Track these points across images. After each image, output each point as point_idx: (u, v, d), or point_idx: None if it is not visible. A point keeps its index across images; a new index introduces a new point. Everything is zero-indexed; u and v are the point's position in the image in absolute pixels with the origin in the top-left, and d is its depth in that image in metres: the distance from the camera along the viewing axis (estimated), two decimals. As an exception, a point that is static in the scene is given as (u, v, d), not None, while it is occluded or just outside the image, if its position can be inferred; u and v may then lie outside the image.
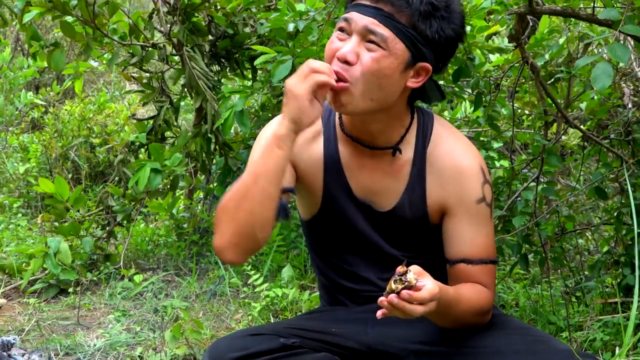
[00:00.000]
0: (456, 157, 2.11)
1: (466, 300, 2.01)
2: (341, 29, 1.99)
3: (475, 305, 2.04)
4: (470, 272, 2.08)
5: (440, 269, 2.13)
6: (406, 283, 1.76)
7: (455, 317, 2.01)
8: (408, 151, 2.12)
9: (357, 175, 2.14)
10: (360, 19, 1.94)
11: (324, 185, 2.16)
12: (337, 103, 1.98)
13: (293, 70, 3.32)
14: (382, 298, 1.78)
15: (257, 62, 3.34)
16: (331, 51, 1.98)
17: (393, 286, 1.77)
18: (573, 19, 3.25)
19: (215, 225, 2.04)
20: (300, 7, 3.11)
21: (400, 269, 1.78)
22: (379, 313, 1.80)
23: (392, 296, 1.76)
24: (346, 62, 1.93)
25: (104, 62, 4.46)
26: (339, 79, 1.94)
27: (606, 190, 3.20)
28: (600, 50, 3.71)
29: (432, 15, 1.95)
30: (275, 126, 1.97)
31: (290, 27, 3.11)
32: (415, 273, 1.79)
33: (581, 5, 3.04)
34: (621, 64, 3.26)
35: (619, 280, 3.18)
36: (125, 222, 4.38)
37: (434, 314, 1.91)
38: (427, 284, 1.79)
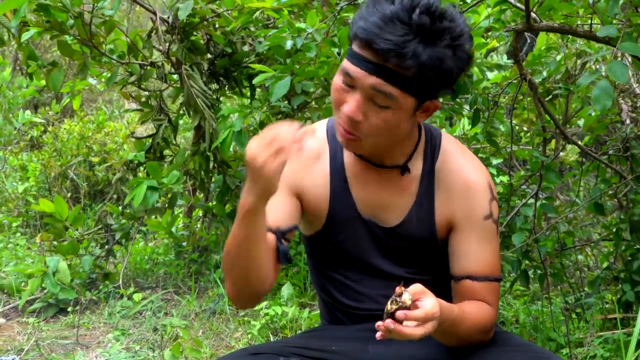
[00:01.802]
0: (465, 173, 2.11)
1: (471, 319, 1.99)
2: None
3: (480, 323, 2.02)
4: (475, 288, 2.07)
5: (445, 286, 2.11)
6: (400, 304, 1.74)
7: (460, 336, 1.99)
8: (416, 167, 2.12)
9: (363, 191, 2.13)
10: (365, 79, 1.88)
11: (329, 203, 2.15)
12: (348, 148, 2.01)
13: (291, 88, 3.32)
14: (379, 323, 1.76)
15: (255, 80, 3.34)
16: (338, 101, 1.94)
17: (389, 307, 1.75)
18: (570, 36, 3.27)
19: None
20: (300, 25, 3.12)
21: (398, 289, 1.76)
22: (377, 335, 1.77)
23: (388, 321, 1.74)
24: (353, 120, 1.92)
25: (103, 80, 4.47)
26: (348, 132, 1.93)
27: (604, 206, 3.20)
28: (598, 67, 3.72)
29: (441, 66, 1.89)
30: (244, 198, 1.89)
31: (289, 44, 3.12)
32: (415, 293, 1.75)
33: (579, 22, 3.05)
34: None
35: (619, 296, 3.17)
36: (124, 240, 4.38)
37: (438, 333, 1.89)
38: (427, 304, 1.75)
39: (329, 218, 2.15)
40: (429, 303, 1.76)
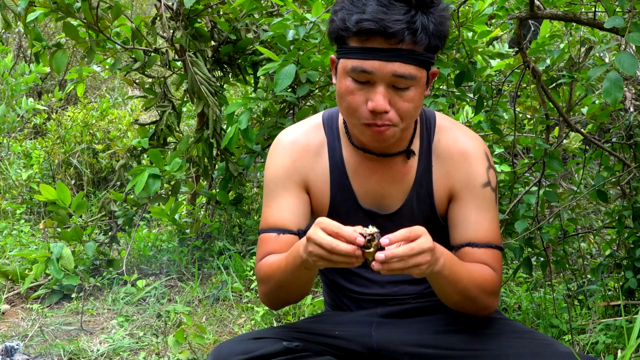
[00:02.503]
0: (461, 143, 2.13)
1: (472, 273, 1.99)
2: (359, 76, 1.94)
3: (482, 279, 2.02)
4: (475, 254, 2.06)
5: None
6: (375, 234, 1.73)
7: (460, 288, 1.98)
8: (415, 149, 2.13)
9: (364, 183, 2.14)
10: (383, 68, 1.90)
11: (330, 197, 2.16)
12: (383, 143, 2.00)
13: (296, 77, 3.32)
14: (379, 255, 1.74)
15: (260, 72, 3.34)
16: (355, 102, 1.95)
17: (371, 251, 1.73)
18: (574, 24, 3.26)
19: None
20: (305, 15, 3.12)
21: (359, 239, 1.74)
22: (375, 266, 1.75)
23: (379, 256, 1.73)
24: (383, 112, 1.93)
25: (107, 67, 4.47)
26: (378, 125, 1.94)
27: (607, 193, 3.21)
28: (602, 54, 3.71)
29: (443, 31, 1.95)
30: (303, 251, 1.88)
31: (291, 34, 3.11)
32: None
33: (582, 10, 3.04)
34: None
35: (621, 283, 3.18)
36: (127, 227, 4.39)
37: (440, 281, 1.90)
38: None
39: (331, 212, 2.16)
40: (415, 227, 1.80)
